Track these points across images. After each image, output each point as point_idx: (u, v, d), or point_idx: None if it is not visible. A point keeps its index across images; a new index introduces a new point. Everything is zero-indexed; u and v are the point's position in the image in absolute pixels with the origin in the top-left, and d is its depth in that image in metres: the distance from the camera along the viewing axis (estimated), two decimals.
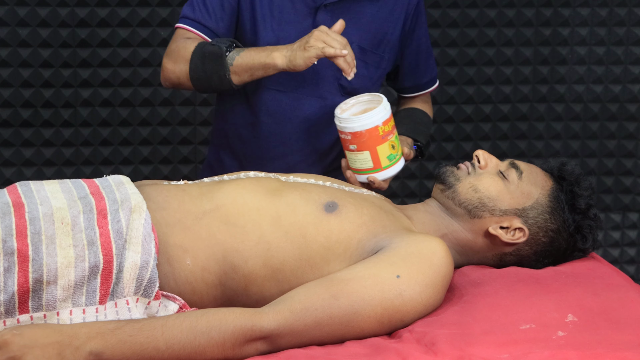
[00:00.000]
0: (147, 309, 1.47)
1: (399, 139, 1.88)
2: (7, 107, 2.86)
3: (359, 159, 1.83)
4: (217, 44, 1.90)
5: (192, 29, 2.00)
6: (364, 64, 2.05)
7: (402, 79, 2.18)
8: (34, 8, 2.80)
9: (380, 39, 2.06)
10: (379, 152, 1.82)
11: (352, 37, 2.01)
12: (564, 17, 2.98)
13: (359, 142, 1.81)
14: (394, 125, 1.85)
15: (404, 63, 2.15)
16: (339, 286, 1.47)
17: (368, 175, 1.84)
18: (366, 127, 1.80)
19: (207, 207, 1.57)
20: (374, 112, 1.80)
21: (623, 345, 1.38)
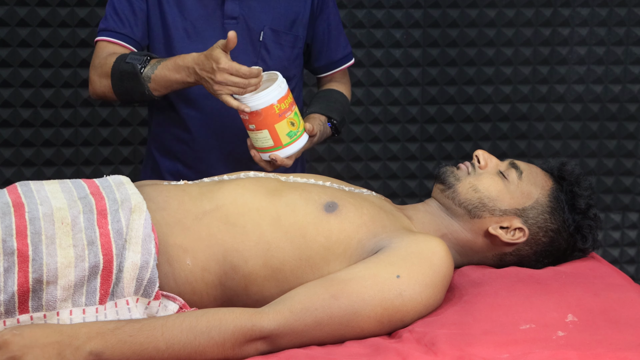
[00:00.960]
0: (147, 309, 1.47)
1: (299, 115, 1.88)
2: (7, 107, 2.86)
3: (259, 137, 1.84)
4: (131, 62, 1.91)
5: (110, 38, 2.03)
6: (279, 45, 2.09)
7: (316, 58, 2.22)
8: (34, 8, 2.80)
9: (293, 18, 2.10)
10: (278, 130, 1.82)
11: (263, 20, 2.06)
12: (564, 17, 2.98)
13: (257, 122, 1.81)
14: (291, 102, 1.85)
15: (316, 42, 2.18)
16: (339, 286, 1.47)
17: (270, 154, 1.85)
18: (262, 106, 1.80)
19: (207, 207, 1.57)
20: (269, 91, 1.80)
21: (623, 345, 1.38)
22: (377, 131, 3.03)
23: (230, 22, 2.05)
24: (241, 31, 2.05)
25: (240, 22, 2.05)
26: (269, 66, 2.09)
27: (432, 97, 3.01)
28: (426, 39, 2.97)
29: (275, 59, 2.09)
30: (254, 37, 2.08)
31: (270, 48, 2.09)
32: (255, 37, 2.08)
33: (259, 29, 2.07)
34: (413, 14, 2.95)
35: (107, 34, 2.04)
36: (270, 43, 2.08)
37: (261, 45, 2.08)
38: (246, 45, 2.07)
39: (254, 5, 2.06)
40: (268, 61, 2.09)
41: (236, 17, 2.05)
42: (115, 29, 2.03)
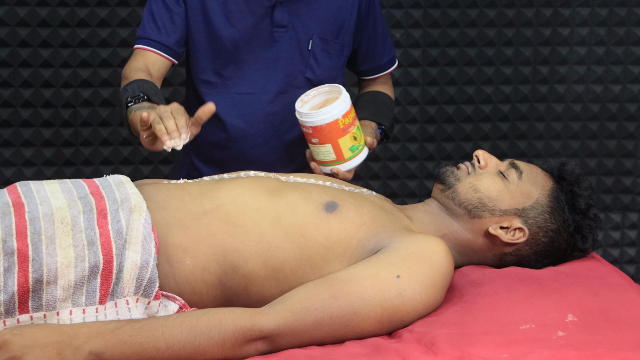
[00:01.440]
0: (147, 309, 1.47)
1: (361, 129, 1.88)
2: (7, 107, 2.86)
3: (321, 151, 1.84)
4: (129, 90, 1.86)
5: (145, 46, 2.02)
6: (327, 54, 2.07)
7: (361, 62, 2.20)
8: (34, 8, 2.80)
9: (340, 26, 2.07)
10: (341, 145, 1.83)
11: (312, 29, 2.04)
12: (564, 17, 2.98)
13: (321, 136, 1.82)
14: (354, 116, 1.85)
15: (362, 46, 2.16)
16: (339, 286, 1.47)
17: (332, 167, 1.85)
18: (326, 121, 1.80)
19: (207, 207, 1.57)
20: (334, 106, 1.80)
21: (623, 345, 1.38)
22: None
23: (279, 31, 2.02)
24: (289, 40, 2.03)
25: (289, 30, 2.02)
26: (318, 75, 2.07)
27: (432, 97, 3.01)
28: (426, 39, 2.97)
29: (323, 68, 2.07)
30: (303, 47, 2.05)
31: (319, 57, 2.06)
32: (304, 46, 2.05)
33: (308, 38, 2.04)
34: (413, 14, 2.95)
35: (144, 42, 2.01)
36: (319, 52, 2.06)
37: (310, 54, 2.05)
38: (294, 54, 2.04)
39: (303, 13, 2.02)
40: (317, 70, 2.06)
41: (285, 25, 2.02)
42: (150, 37, 2.00)
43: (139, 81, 1.90)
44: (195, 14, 2.02)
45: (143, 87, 1.88)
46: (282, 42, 2.03)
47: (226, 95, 2.06)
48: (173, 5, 2.01)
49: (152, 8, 2.02)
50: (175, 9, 2.01)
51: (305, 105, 1.89)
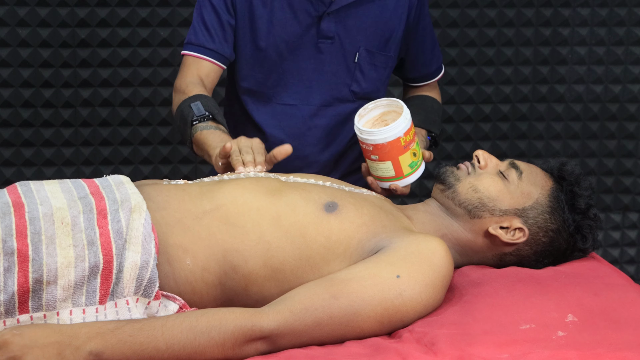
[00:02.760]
0: (147, 309, 1.47)
1: (420, 146, 1.85)
2: (7, 107, 2.86)
3: (380, 168, 1.81)
4: (194, 109, 1.87)
5: (198, 54, 1.99)
6: (373, 66, 2.05)
7: (409, 70, 2.17)
8: (34, 8, 2.80)
9: (387, 38, 2.05)
10: (401, 162, 1.80)
11: (358, 42, 2.01)
12: (564, 17, 2.98)
13: (381, 153, 1.79)
14: (414, 132, 1.82)
15: (410, 55, 2.13)
16: (339, 286, 1.47)
17: (390, 183, 1.82)
18: (389, 140, 1.77)
19: (207, 207, 1.57)
20: (396, 125, 1.76)
21: (623, 345, 1.38)
22: None
23: (325, 42, 2.00)
24: (335, 52, 2.01)
25: (335, 42, 2.00)
26: (363, 88, 2.05)
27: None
28: None
29: (369, 81, 2.05)
30: (349, 59, 2.03)
31: (365, 70, 2.04)
32: (351, 58, 2.03)
33: (355, 50, 2.02)
34: None
35: (196, 49, 1.99)
36: (365, 65, 2.03)
37: (356, 67, 2.03)
38: (339, 66, 2.02)
39: (350, 25, 2.00)
40: (362, 83, 2.05)
41: (332, 36, 2.00)
42: (204, 44, 1.98)
43: (200, 98, 1.89)
44: (244, 21, 2.00)
45: (207, 105, 1.88)
46: (327, 54, 2.01)
47: (268, 105, 2.05)
48: (223, 12, 1.98)
49: (202, 14, 2.00)
50: (225, 16, 1.98)
51: (362, 119, 1.85)
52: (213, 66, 1.99)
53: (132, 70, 2.89)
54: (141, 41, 2.87)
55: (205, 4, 2.00)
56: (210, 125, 1.85)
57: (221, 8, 1.98)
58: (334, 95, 2.04)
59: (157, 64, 2.89)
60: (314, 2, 1.98)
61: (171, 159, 2.97)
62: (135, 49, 2.87)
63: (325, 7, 1.98)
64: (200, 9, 2.01)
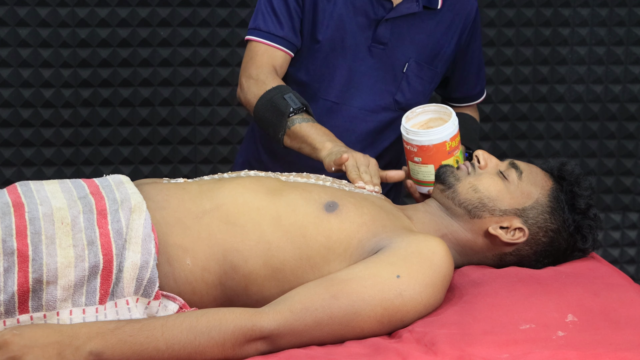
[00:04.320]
0: (147, 309, 1.47)
1: (463, 155, 1.85)
2: (7, 107, 2.86)
3: (422, 171, 1.81)
4: (288, 100, 1.86)
5: (267, 41, 1.97)
6: (420, 79, 2.06)
7: (453, 90, 2.18)
8: (34, 8, 2.80)
9: (436, 53, 2.06)
10: None
11: (409, 52, 2.02)
12: (564, 17, 2.98)
13: (425, 156, 1.79)
14: (459, 141, 1.82)
15: (456, 75, 2.14)
16: (339, 286, 1.47)
17: (430, 188, 1.82)
18: (434, 142, 1.77)
19: (207, 207, 1.57)
20: (444, 128, 1.76)
21: (623, 345, 1.38)
22: None
23: (378, 47, 2.00)
24: (386, 59, 2.01)
25: (387, 49, 2.01)
26: (407, 99, 2.06)
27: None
28: None
29: (413, 93, 2.05)
30: (397, 68, 2.03)
31: (412, 81, 2.04)
32: (399, 68, 2.03)
33: (405, 60, 2.03)
34: None
35: (266, 36, 1.97)
36: (413, 76, 2.04)
37: (404, 77, 2.04)
38: (386, 74, 2.03)
39: (405, 34, 2.01)
40: (407, 94, 2.05)
41: (385, 42, 2.01)
42: (272, 31, 1.97)
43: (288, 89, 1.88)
44: (308, 11, 1.99)
45: (299, 97, 1.87)
46: (378, 59, 2.02)
47: (312, 98, 2.04)
48: (292, 1, 1.98)
49: (272, 1, 1.98)
50: (293, 4, 1.98)
51: (409, 121, 1.84)
52: (284, 55, 1.99)
53: (132, 70, 2.89)
54: (141, 41, 2.87)
55: None
56: (307, 118, 1.85)
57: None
58: (376, 101, 2.05)
59: (157, 64, 2.89)
60: (376, 5, 1.99)
61: (171, 159, 2.97)
62: (135, 49, 2.87)
63: (385, 12, 1.99)
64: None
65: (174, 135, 2.96)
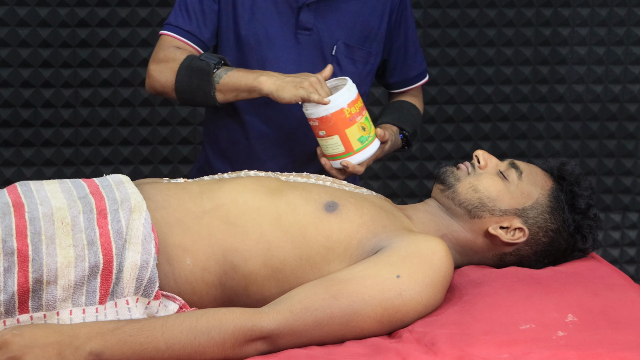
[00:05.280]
0: (147, 309, 1.47)
1: (370, 121, 1.85)
2: (7, 107, 2.86)
3: (329, 144, 1.82)
4: (205, 59, 1.89)
5: (178, 36, 2.00)
6: (351, 60, 2.06)
7: (390, 74, 2.18)
8: (34, 8, 2.80)
9: (367, 34, 2.06)
10: (349, 135, 1.80)
11: (337, 34, 2.02)
12: (564, 17, 2.98)
13: (327, 127, 1.79)
14: (362, 106, 1.82)
15: (391, 58, 2.15)
16: (339, 286, 1.47)
17: (341, 160, 1.83)
18: (331, 111, 1.77)
19: (207, 207, 1.57)
20: (338, 95, 1.78)
21: (623, 345, 1.38)
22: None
23: (304, 33, 2.01)
24: (313, 44, 2.02)
25: (313, 34, 2.01)
26: None
27: (432, 97, 3.01)
28: (426, 38, 2.97)
29: (346, 74, 2.04)
30: (326, 51, 2.04)
31: (343, 63, 2.05)
32: (328, 51, 2.04)
33: (332, 43, 2.03)
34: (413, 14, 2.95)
35: (174, 29, 2.00)
36: (343, 58, 2.04)
37: (333, 59, 2.04)
38: (317, 58, 2.03)
39: (329, 18, 2.01)
40: (339, 76, 2.03)
41: (310, 28, 2.01)
42: (182, 26, 2.00)
43: (198, 54, 1.92)
44: (227, 8, 2.01)
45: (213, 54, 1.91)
46: (305, 45, 2.02)
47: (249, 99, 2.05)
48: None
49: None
50: (207, 2, 2.00)
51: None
52: (190, 48, 2.01)
53: (132, 70, 2.89)
54: (141, 41, 2.87)
55: None
56: (230, 68, 1.89)
57: None
58: None
59: None
60: None
61: (171, 159, 2.97)
62: (135, 49, 2.87)
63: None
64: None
65: (174, 135, 2.96)
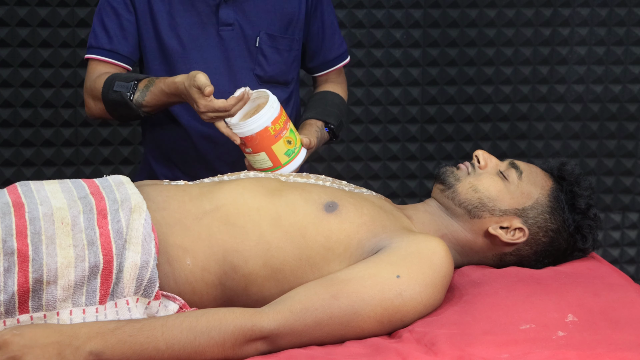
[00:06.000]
0: (147, 309, 1.47)
1: (295, 132, 1.85)
2: (7, 107, 2.86)
3: (257, 160, 1.82)
4: (119, 90, 1.90)
5: (100, 56, 2.02)
6: (276, 50, 2.07)
7: (310, 58, 2.19)
8: (34, 8, 2.80)
9: (288, 20, 2.07)
10: (275, 151, 1.80)
11: (259, 25, 2.04)
12: (564, 17, 2.98)
13: (253, 145, 1.79)
14: (286, 120, 1.82)
15: (310, 41, 2.15)
16: (339, 286, 1.47)
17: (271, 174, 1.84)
18: (256, 131, 1.77)
19: (207, 207, 1.57)
20: (261, 115, 1.77)
21: (623, 345, 1.38)
22: (377, 131, 3.03)
23: (226, 29, 2.02)
24: (237, 38, 2.03)
25: (235, 28, 2.03)
26: (267, 72, 2.07)
27: (432, 97, 3.01)
28: (426, 39, 2.97)
29: (272, 64, 2.07)
30: (250, 43, 2.05)
31: (267, 53, 2.06)
32: (252, 43, 2.05)
33: (255, 35, 2.05)
34: (413, 14, 2.95)
35: (96, 51, 2.02)
36: (267, 48, 2.06)
37: (258, 51, 2.06)
38: (242, 51, 2.04)
39: (249, 10, 2.03)
40: (266, 67, 2.07)
41: (231, 23, 2.02)
42: (103, 46, 2.01)
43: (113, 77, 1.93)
44: (145, 18, 2.02)
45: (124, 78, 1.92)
46: (229, 41, 2.03)
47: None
48: (123, 12, 2.01)
49: (102, 16, 2.02)
50: (125, 15, 2.01)
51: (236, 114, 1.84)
52: (115, 67, 2.02)
53: None
54: None
55: (104, 6, 2.02)
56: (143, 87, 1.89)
57: (120, 7, 2.01)
58: (240, 81, 2.06)
59: None
60: None
61: None
62: None
63: None
64: (99, 12, 2.03)
65: None
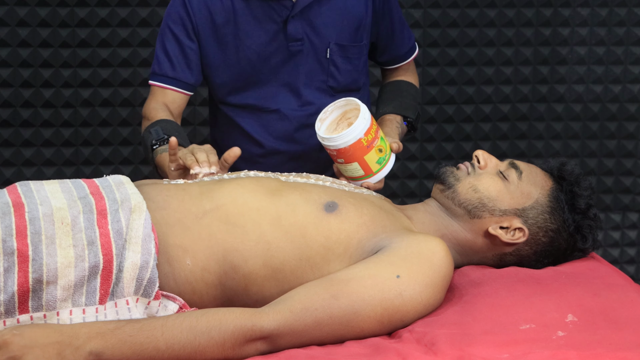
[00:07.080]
0: (147, 309, 1.47)
1: (385, 139, 1.85)
2: (7, 107, 2.86)
3: (348, 169, 1.82)
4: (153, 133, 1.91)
5: (164, 85, 2.03)
6: (346, 59, 2.06)
7: (381, 54, 2.18)
8: (34, 8, 2.80)
9: (356, 26, 2.06)
10: (367, 160, 1.80)
11: (328, 36, 2.02)
12: (564, 17, 2.98)
13: (346, 156, 1.79)
14: (377, 129, 1.82)
15: (380, 39, 2.14)
16: (339, 286, 1.47)
17: (362, 182, 1.83)
18: (349, 143, 1.77)
19: (207, 207, 1.57)
20: (354, 127, 1.76)
21: (623, 345, 1.38)
22: None
23: (296, 44, 2.01)
24: (307, 52, 2.02)
25: (305, 42, 2.01)
26: (340, 82, 2.07)
27: (432, 97, 3.01)
28: (426, 39, 2.97)
29: (344, 73, 2.06)
30: (321, 56, 2.04)
31: (339, 63, 2.05)
32: (322, 55, 2.04)
33: (325, 46, 2.03)
34: (413, 14, 2.95)
35: (159, 79, 2.03)
36: (338, 58, 2.05)
37: (329, 62, 2.05)
38: (314, 65, 2.04)
39: (317, 23, 2.01)
40: (338, 77, 2.06)
41: (301, 38, 2.01)
42: (167, 74, 2.02)
43: (161, 122, 1.94)
44: (210, 43, 2.02)
45: (166, 128, 1.92)
46: (300, 55, 2.03)
47: (253, 114, 2.06)
48: (185, 39, 2.01)
49: (165, 44, 2.02)
50: (187, 43, 2.01)
51: (324, 122, 1.85)
52: (178, 94, 2.03)
53: (132, 70, 2.89)
54: (141, 41, 2.87)
55: (166, 33, 2.02)
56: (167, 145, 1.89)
57: (182, 35, 2.01)
58: (314, 96, 2.06)
59: None
60: (276, 7, 1.99)
61: None
62: (135, 49, 2.88)
63: (289, 10, 1.99)
64: (162, 38, 2.03)
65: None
